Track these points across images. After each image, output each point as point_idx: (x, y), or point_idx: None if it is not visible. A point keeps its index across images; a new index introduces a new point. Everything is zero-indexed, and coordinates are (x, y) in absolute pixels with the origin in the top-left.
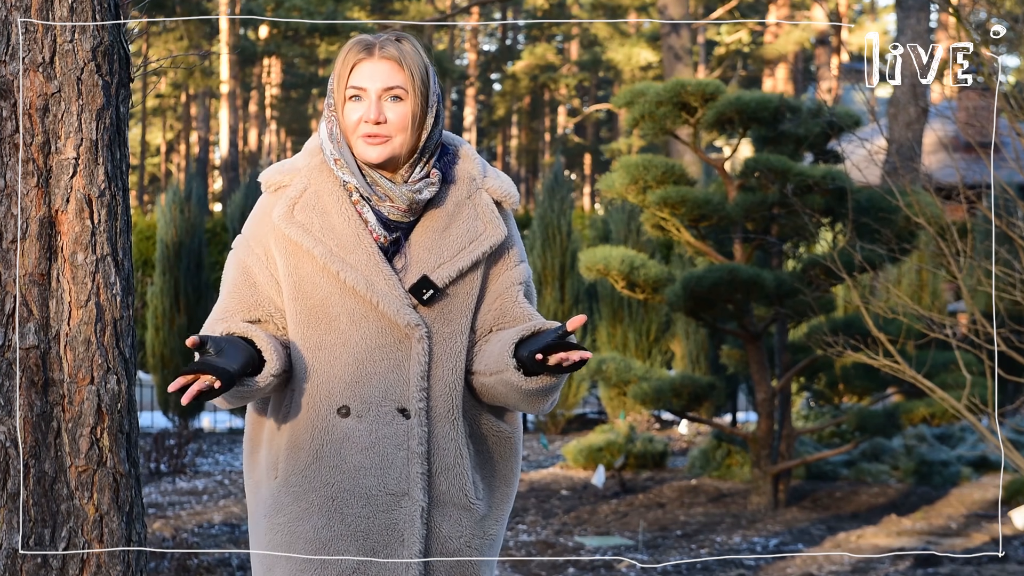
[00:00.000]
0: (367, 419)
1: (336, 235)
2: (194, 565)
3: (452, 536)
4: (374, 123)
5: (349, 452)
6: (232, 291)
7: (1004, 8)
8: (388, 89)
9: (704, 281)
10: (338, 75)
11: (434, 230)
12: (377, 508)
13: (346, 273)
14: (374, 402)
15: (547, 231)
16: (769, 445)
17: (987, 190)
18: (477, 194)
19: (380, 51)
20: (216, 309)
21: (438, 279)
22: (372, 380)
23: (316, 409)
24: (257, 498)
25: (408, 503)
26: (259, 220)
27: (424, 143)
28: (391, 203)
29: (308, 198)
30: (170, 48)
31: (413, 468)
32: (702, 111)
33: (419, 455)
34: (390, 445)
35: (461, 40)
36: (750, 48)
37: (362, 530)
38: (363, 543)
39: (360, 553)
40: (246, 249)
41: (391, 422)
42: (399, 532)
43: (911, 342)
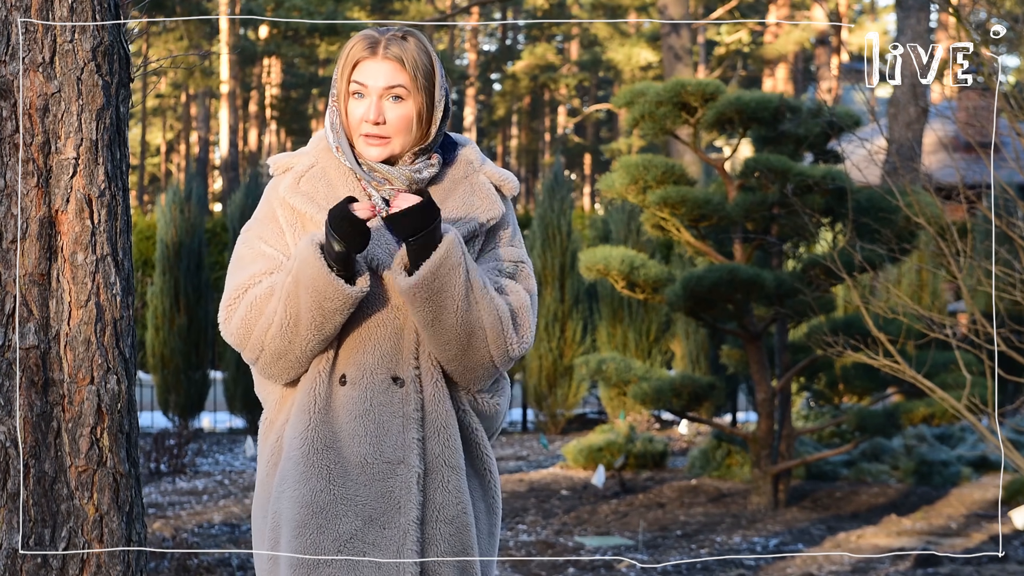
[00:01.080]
0: (361, 386)
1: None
2: (194, 565)
3: (449, 503)
4: (373, 123)
5: (345, 419)
6: (252, 256)
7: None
8: (389, 88)
9: (704, 281)
10: (341, 70)
11: None
12: (373, 476)
13: None
14: (369, 369)
15: (547, 231)
16: (769, 445)
17: (987, 190)
18: (475, 175)
19: (384, 50)
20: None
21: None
22: (368, 347)
23: (320, 377)
24: (263, 472)
25: (404, 470)
26: (268, 199)
27: (433, 138)
28: (391, 186)
29: (315, 172)
30: (170, 48)
31: (409, 434)
32: (702, 111)
33: (415, 420)
34: (385, 412)
35: (461, 40)
36: (750, 48)
37: (360, 497)
38: (360, 509)
39: (357, 519)
40: (259, 226)
41: (386, 390)
42: (395, 500)
43: (911, 342)
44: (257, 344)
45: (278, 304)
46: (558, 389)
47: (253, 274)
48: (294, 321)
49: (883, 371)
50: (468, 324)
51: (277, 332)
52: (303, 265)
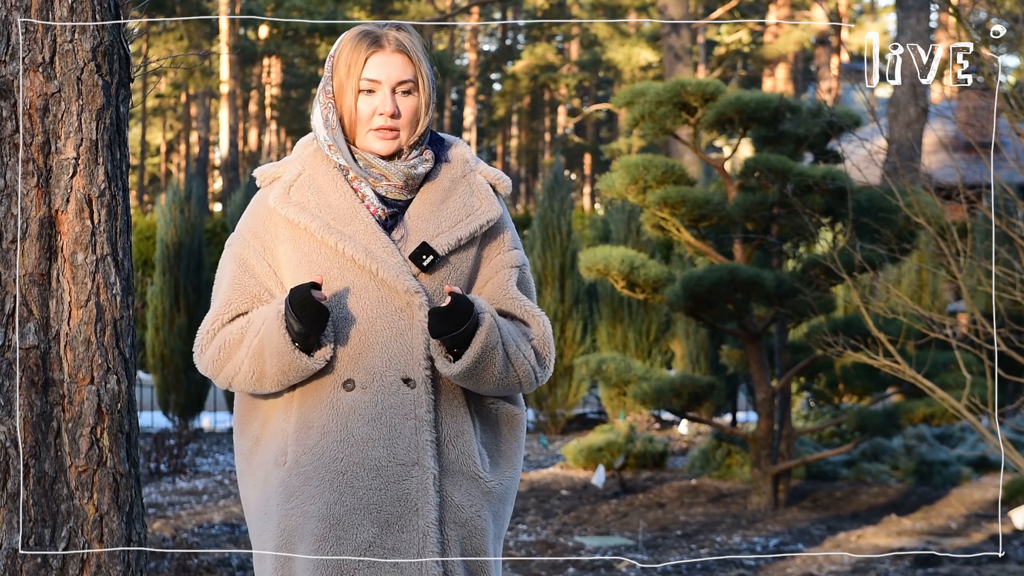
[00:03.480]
0: (371, 390)
1: (332, 210)
2: (194, 565)
3: (464, 505)
4: (389, 116)
5: (356, 424)
6: (231, 282)
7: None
8: (401, 83)
9: (704, 281)
10: (348, 66)
11: (431, 203)
12: (388, 479)
13: (344, 244)
14: (378, 372)
15: (547, 231)
16: (769, 445)
17: (987, 190)
18: (472, 174)
19: (391, 44)
20: (215, 303)
21: (437, 246)
22: (374, 350)
23: (322, 385)
24: (262, 494)
25: (419, 472)
26: (254, 213)
27: (423, 130)
28: (388, 181)
29: (303, 180)
30: (170, 48)
31: (422, 436)
32: (702, 111)
33: (428, 422)
34: (397, 415)
35: (461, 40)
36: (750, 48)
37: (375, 503)
38: (376, 515)
39: (374, 526)
40: (242, 243)
41: (396, 392)
42: (412, 502)
43: (911, 342)
44: (226, 381)
45: (245, 355)
46: (558, 389)
47: (228, 301)
48: (259, 375)
49: (883, 371)
50: (506, 381)
51: (244, 379)
52: (268, 333)
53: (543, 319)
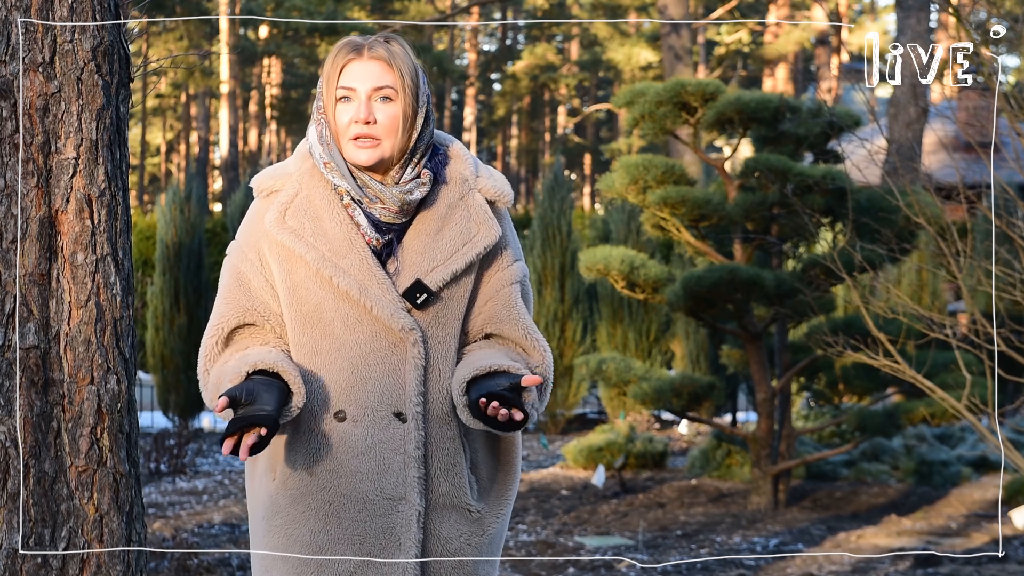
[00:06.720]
0: (363, 423)
1: (328, 240)
2: (194, 565)
3: (452, 536)
4: (364, 123)
5: (346, 456)
6: (227, 297)
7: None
8: (378, 89)
9: (704, 281)
10: (327, 76)
11: (427, 233)
12: (374, 512)
13: (339, 278)
14: (370, 406)
15: (547, 231)
16: (769, 445)
17: (987, 190)
18: (470, 195)
19: (369, 51)
20: (213, 316)
21: (431, 283)
22: (368, 384)
23: (313, 414)
24: (256, 499)
25: (405, 507)
26: (252, 225)
27: (414, 144)
28: (382, 205)
29: (300, 203)
30: (170, 48)
31: (410, 472)
32: (702, 111)
33: (416, 459)
34: (387, 449)
35: (461, 40)
36: (750, 48)
37: (359, 534)
38: (359, 547)
39: (356, 557)
40: (240, 255)
41: (387, 426)
42: (396, 536)
43: (911, 342)
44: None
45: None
46: (558, 389)
47: (222, 315)
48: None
49: (883, 371)
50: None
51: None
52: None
53: (546, 350)
